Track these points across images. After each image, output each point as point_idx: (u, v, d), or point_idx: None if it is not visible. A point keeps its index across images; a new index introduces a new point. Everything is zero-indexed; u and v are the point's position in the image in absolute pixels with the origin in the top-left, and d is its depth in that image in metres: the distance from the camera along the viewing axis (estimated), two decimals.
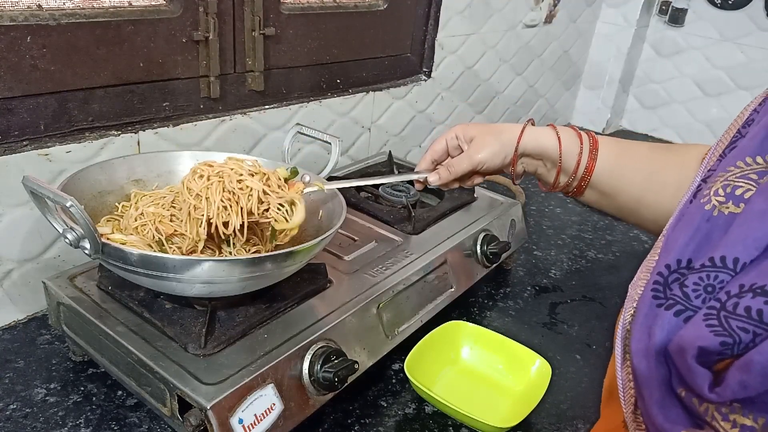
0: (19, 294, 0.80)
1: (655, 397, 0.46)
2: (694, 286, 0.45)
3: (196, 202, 0.66)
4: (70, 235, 0.57)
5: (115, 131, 0.84)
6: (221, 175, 0.66)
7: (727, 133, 0.55)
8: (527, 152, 0.74)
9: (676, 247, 0.49)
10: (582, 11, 1.78)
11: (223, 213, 0.66)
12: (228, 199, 0.66)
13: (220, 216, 0.66)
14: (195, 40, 0.88)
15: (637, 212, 0.70)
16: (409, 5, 1.24)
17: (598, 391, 0.81)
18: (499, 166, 0.75)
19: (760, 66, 1.72)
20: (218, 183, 0.66)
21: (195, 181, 0.67)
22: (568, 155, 0.71)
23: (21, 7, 0.72)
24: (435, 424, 0.72)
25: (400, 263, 0.82)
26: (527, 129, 0.73)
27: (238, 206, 0.66)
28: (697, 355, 0.42)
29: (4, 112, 0.74)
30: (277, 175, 0.71)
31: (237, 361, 0.61)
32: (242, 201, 0.66)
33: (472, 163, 0.74)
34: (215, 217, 0.65)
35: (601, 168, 0.70)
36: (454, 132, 0.77)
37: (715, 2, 1.75)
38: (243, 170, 0.68)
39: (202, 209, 0.66)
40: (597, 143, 0.71)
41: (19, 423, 0.65)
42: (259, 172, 0.69)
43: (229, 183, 0.66)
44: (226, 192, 0.66)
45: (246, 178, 0.67)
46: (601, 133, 1.96)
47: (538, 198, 1.42)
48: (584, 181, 0.71)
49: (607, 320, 0.97)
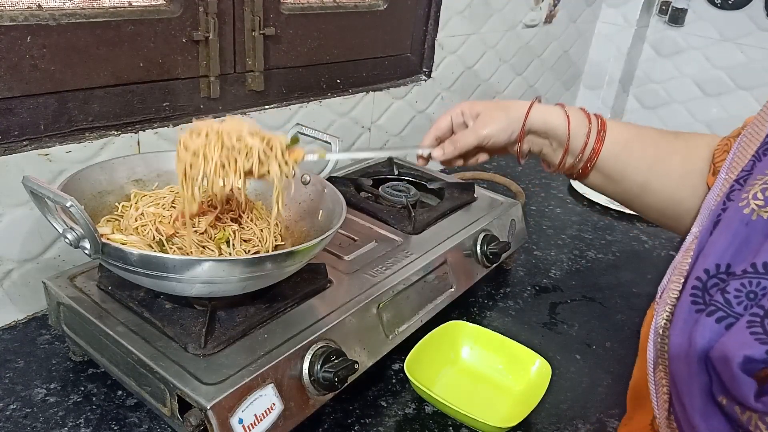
0: (19, 294, 0.80)
1: (696, 405, 0.45)
2: (735, 292, 0.45)
3: (192, 159, 0.63)
4: (70, 235, 0.57)
5: (115, 131, 0.84)
6: (220, 134, 0.63)
7: (755, 130, 0.54)
8: (534, 129, 0.72)
9: (714, 251, 0.48)
10: (582, 11, 1.78)
11: (220, 171, 0.63)
12: (226, 157, 0.63)
13: (217, 173, 0.63)
14: (195, 40, 0.88)
15: (641, 198, 0.69)
16: (409, 5, 1.24)
17: (598, 391, 0.81)
18: (505, 143, 0.73)
19: (760, 66, 1.72)
20: (217, 140, 0.63)
21: (192, 139, 0.63)
22: (576, 135, 0.70)
23: (21, 7, 0.72)
24: (435, 424, 0.72)
25: (400, 263, 0.82)
26: (535, 106, 0.72)
27: (236, 165, 0.63)
28: (742, 363, 0.41)
29: (4, 112, 0.74)
30: (279, 140, 0.68)
31: (237, 361, 0.61)
32: (240, 160, 0.63)
33: (478, 137, 0.72)
34: (212, 175, 0.63)
35: (608, 151, 0.69)
36: (460, 108, 0.75)
37: (715, 2, 1.75)
38: (243, 129, 0.64)
39: (199, 167, 0.63)
40: (605, 125, 0.69)
41: (19, 423, 0.65)
42: (259, 134, 0.66)
43: (228, 140, 0.63)
44: (225, 149, 0.63)
45: (246, 136, 0.64)
46: None
47: (538, 198, 1.42)
48: (590, 163, 0.70)
49: (607, 320, 0.97)
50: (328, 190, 0.77)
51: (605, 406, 0.78)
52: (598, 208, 1.39)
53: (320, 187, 0.78)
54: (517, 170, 1.58)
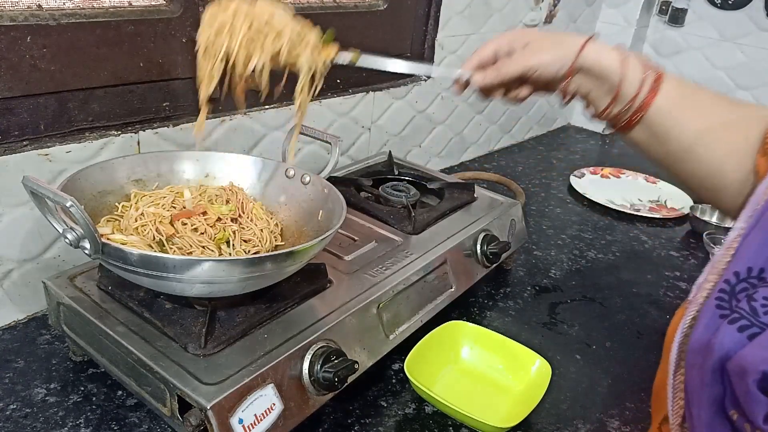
0: (19, 294, 0.80)
1: (704, 418, 0.42)
2: (763, 300, 0.42)
3: (216, 34, 0.59)
4: (70, 235, 0.57)
5: (115, 131, 0.84)
6: (250, 11, 0.59)
7: None
8: (585, 67, 0.66)
9: (748, 252, 0.45)
10: (582, 11, 1.78)
11: (244, 50, 0.59)
12: (253, 37, 0.59)
13: (241, 51, 0.59)
14: (195, 40, 0.88)
15: (683, 163, 0.65)
16: (409, 5, 1.24)
17: (598, 391, 0.81)
18: (552, 77, 0.68)
19: (760, 66, 1.72)
20: (245, 18, 0.59)
21: (220, 11, 0.59)
22: (629, 82, 0.64)
23: (21, 7, 0.72)
24: (435, 424, 0.72)
25: (400, 263, 0.82)
26: (591, 42, 0.66)
27: (263, 45, 0.59)
28: (759, 380, 0.38)
29: (4, 112, 0.74)
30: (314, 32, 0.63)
31: (237, 361, 0.61)
32: (268, 41, 0.59)
33: (525, 66, 0.67)
34: (235, 53, 0.59)
35: (659, 105, 0.63)
36: (507, 38, 0.70)
37: (715, 2, 1.75)
38: (276, 10, 0.60)
39: (222, 43, 0.59)
40: (661, 77, 0.64)
41: (19, 423, 0.65)
42: (293, 20, 0.61)
43: (259, 19, 0.59)
44: (253, 29, 0.59)
45: (277, 18, 0.59)
46: (601, 133, 1.96)
47: (538, 198, 1.42)
48: (637, 115, 0.64)
49: (607, 320, 0.97)
50: (328, 190, 0.77)
51: (605, 406, 0.78)
52: (598, 208, 1.39)
53: (320, 187, 0.78)
54: (517, 170, 1.58)
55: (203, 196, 0.76)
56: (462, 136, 1.54)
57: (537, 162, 1.67)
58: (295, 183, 0.80)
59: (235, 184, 0.80)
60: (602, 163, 1.68)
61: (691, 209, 1.35)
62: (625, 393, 0.81)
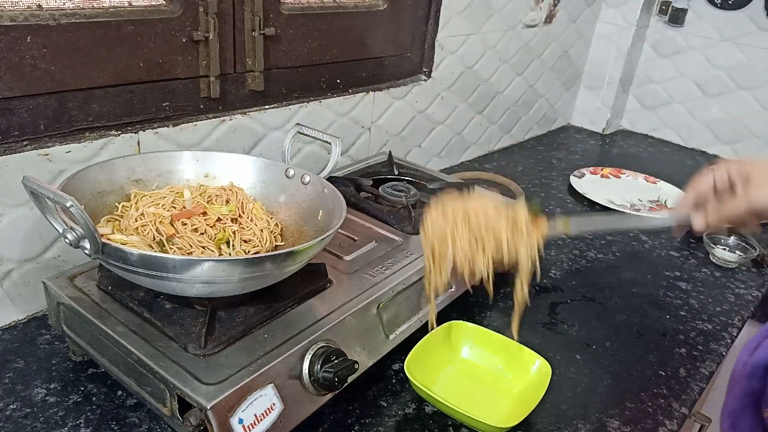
0: (19, 294, 0.80)
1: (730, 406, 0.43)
2: None
3: (440, 242, 0.64)
4: (70, 235, 0.57)
5: (115, 131, 0.84)
6: (466, 216, 0.64)
7: None
8: None
9: None
10: (582, 11, 1.78)
11: (467, 257, 0.63)
12: (473, 242, 0.63)
13: (466, 260, 0.63)
14: (195, 40, 0.88)
15: None
16: (409, 5, 1.23)
17: (598, 391, 0.81)
18: None
19: (760, 66, 1.72)
20: (464, 224, 0.63)
21: (438, 217, 0.65)
22: None
23: (21, 7, 0.72)
24: (435, 424, 0.72)
25: (400, 263, 0.82)
26: None
27: (485, 253, 0.63)
28: None
29: (4, 112, 0.74)
30: (523, 214, 0.66)
31: (237, 361, 0.61)
32: (489, 248, 0.63)
33: (751, 205, 0.62)
34: (463, 264, 0.63)
35: None
36: (726, 168, 0.66)
37: (715, 2, 1.74)
38: (489, 210, 0.64)
39: (447, 251, 0.64)
40: None
41: (19, 423, 0.65)
42: (504, 214, 0.64)
43: (475, 222, 0.63)
44: (472, 233, 0.63)
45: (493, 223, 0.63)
46: (601, 133, 1.96)
47: (538, 198, 1.42)
48: None
49: (607, 320, 0.96)
50: (328, 190, 0.77)
51: (605, 406, 0.78)
52: (598, 208, 1.39)
53: (320, 187, 0.78)
54: (517, 170, 1.58)
55: (203, 196, 0.76)
56: (462, 136, 1.54)
57: (537, 162, 1.67)
58: (295, 183, 0.80)
59: (235, 184, 0.80)
60: (602, 163, 1.68)
61: None
62: (625, 393, 0.81)
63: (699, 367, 0.87)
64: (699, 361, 0.89)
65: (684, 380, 0.84)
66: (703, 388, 0.84)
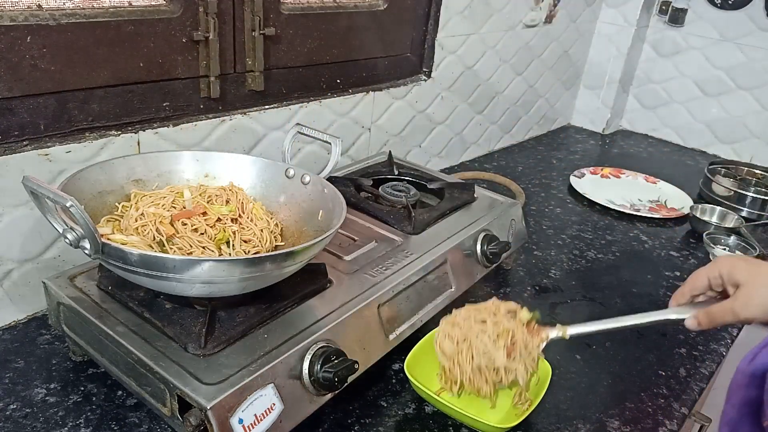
0: (19, 294, 0.80)
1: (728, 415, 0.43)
2: None
3: (449, 365, 0.72)
4: (70, 235, 0.57)
5: (115, 131, 0.84)
6: (469, 343, 0.71)
7: None
8: None
9: None
10: (582, 11, 1.78)
11: (472, 380, 0.71)
12: (477, 368, 0.71)
13: (473, 382, 0.71)
14: (195, 40, 0.88)
15: None
16: (409, 5, 1.23)
17: (598, 391, 0.81)
18: None
19: (760, 66, 1.72)
20: (467, 350, 0.71)
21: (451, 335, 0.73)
22: None
23: (21, 7, 0.72)
24: (435, 424, 0.72)
25: (400, 263, 0.82)
26: None
27: (488, 380, 0.71)
28: None
29: (4, 112, 0.74)
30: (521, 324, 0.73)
31: (237, 361, 0.61)
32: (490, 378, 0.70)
33: (738, 318, 0.64)
34: (468, 384, 0.71)
35: None
36: (719, 270, 0.67)
37: (715, 2, 1.75)
38: (488, 333, 0.71)
39: (456, 373, 0.72)
40: None
41: (19, 423, 0.65)
42: (504, 331, 0.71)
43: (478, 347, 0.70)
44: (477, 357, 0.70)
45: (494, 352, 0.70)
46: (601, 133, 1.96)
47: (538, 198, 1.42)
48: None
49: None
50: (328, 190, 0.77)
51: (605, 406, 0.78)
52: (598, 208, 1.39)
53: (320, 187, 0.78)
54: (517, 170, 1.58)
55: (203, 196, 0.76)
56: (462, 136, 1.54)
57: (537, 162, 1.67)
58: (295, 183, 0.80)
59: (235, 184, 0.80)
60: (602, 163, 1.68)
61: (691, 209, 1.35)
62: (625, 393, 0.81)
63: (699, 367, 0.87)
64: (699, 361, 0.89)
65: (684, 380, 0.84)
66: (703, 388, 0.84)
